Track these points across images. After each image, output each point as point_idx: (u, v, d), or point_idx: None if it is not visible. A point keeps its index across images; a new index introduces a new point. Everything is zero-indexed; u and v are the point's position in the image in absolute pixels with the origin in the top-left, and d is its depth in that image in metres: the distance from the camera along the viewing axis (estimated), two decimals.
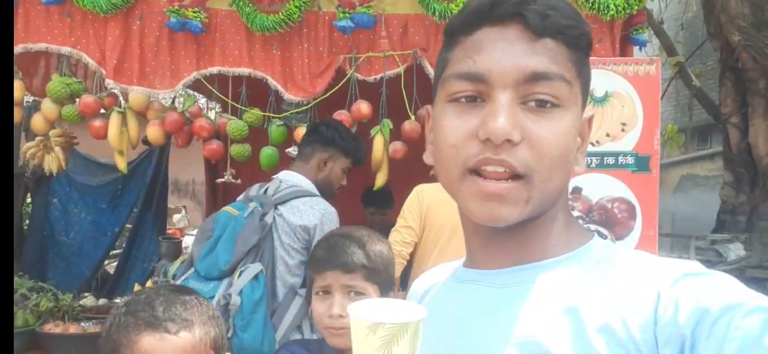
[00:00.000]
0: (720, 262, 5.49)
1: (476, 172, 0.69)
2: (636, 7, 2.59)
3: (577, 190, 2.50)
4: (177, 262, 2.40)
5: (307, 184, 2.36)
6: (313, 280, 1.47)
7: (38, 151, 3.49)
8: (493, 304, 0.73)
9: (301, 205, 2.24)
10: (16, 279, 3.48)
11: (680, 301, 0.62)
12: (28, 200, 4.87)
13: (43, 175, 3.91)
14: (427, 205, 2.69)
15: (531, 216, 0.71)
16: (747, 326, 0.57)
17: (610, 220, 2.46)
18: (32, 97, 3.59)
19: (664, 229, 6.92)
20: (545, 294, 0.70)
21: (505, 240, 0.74)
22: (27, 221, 4.88)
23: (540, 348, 0.67)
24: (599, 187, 2.48)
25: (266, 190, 2.32)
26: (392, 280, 1.52)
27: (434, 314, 0.80)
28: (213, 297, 2.07)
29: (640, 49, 2.86)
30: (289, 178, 2.37)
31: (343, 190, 2.63)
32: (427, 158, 0.81)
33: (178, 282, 2.20)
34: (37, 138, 3.46)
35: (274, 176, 2.45)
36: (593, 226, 2.48)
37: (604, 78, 2.51)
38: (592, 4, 2.50)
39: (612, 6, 2.53)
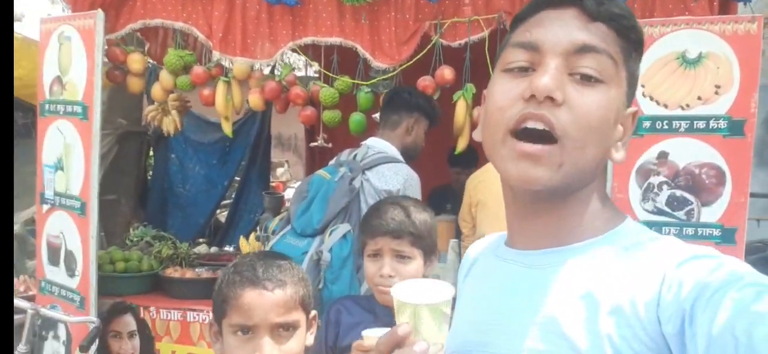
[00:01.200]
0: None
1: (516, 134, 0.74)
2: None
3: (663, 155, 2.46)
4: (276, 219, 2.64)
5: (393, 151, 2.51)
6: (365, 244, 1.68)
7: (157, 115, 3.89)
8: (522, 285, 0.78)
9: (386, 171, 2.40)
10: (141, 228, 3.95)
11: (683, 281, 0.66)
12: (151, 155, 5.41)
13: (162, 134, 4.35)
14: (474, 187, 2.84)
15: (563, 183, 0.75)
16: (740, 297, 0.60)
17: (697, 186, 2.41)
18: (152, 62, 3.97)
19: None
20: (570, 277, 0.75)
21: (539, 218, 0.79)
22: (150, 173, 5.43)
23: (558, 329, 0.71)
24: (687, 151, 2.43)
25: (355, 156, 2.50)
26: (436, 245, 1.70)
27: (474, 288, 0.90)
28: (306, 252, 2.29)
29: (745, 4, 2.71)
30: (376, 144, 2.53)
31: (431, 152, 2.75)
32: (476, 135, 0.86)
33: (277, 237, 2.44)
34: (156, 102, 3.85)
35: (362, 142, 2.61)
36: (678, 192, 2.44)
37: (697, 38, 2.43)
38: None
39: None
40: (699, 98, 2.44)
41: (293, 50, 2.97)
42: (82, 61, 2.95)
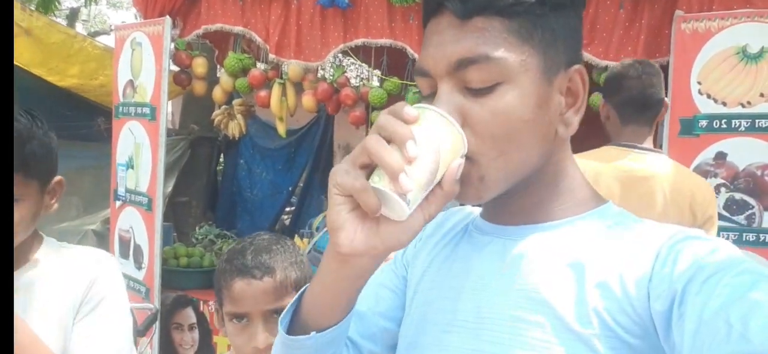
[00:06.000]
0: None
1: None
2: None
3: (721, 156, 2.33)
4: (320, 216, 2.70)
5: None
6: None
7: (223, 119, 4.09)
8: (504, 254, 0.76)
9: None
10: (206, 226, 4.14)
11: (678, 259, 0.63)
12: (221, 160, 5.67)
13: (232, 139, 4.56)
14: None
15: (498, 187, 0.71)
16: (737, 282, 0.58)
17: (759, 189, 2.26)
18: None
19: None
20: (555, 248, 0.73)
21: (512, 200, 0.75)
22: (220, 178, 5.69)
23: (542, 297, 0.70)
24: (748, 152, 2.29)
25: None
26: None
27: (448, 256, 0.84)
28: None
29: None
30: None
31: None
32: None
33: (321, 233, 2.50)
34: (223, 107, 4.04)
35: None
36: (738, 195, 2.30)
37: (760, 32, 2.29)
38: None
39: None
40: (761, 95, 2.29)
41: (345, 53, 3.05)
42: (151, 65, 3.16)
